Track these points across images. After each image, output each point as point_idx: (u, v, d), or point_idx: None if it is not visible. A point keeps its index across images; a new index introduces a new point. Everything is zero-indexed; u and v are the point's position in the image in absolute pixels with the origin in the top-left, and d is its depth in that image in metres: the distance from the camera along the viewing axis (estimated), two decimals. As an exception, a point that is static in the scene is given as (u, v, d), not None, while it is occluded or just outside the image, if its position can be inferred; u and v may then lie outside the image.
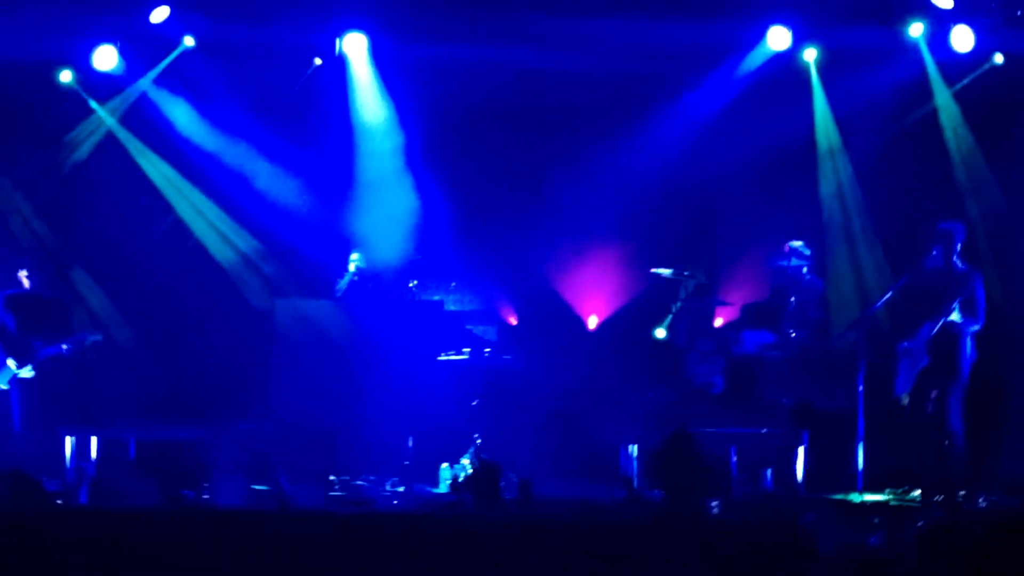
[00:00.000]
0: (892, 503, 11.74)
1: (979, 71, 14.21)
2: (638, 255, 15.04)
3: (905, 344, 11.94)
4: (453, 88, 14.99)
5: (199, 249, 15.49)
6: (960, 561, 6.15)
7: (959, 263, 11.90)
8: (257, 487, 12.01)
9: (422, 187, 15.34)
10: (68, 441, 12.56)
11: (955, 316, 11.62)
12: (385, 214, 15.23)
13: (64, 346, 13.19)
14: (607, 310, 15.44)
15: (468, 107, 15.08)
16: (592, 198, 15.18)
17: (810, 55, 14.62)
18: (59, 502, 10.89)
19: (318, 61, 15.02)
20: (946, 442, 11.63)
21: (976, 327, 11.80)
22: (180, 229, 15.43)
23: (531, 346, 14.62)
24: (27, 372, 13.07)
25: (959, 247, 11.92)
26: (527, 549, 6.64)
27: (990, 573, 6.00)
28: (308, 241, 15.20)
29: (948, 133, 14.43)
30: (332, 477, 12.91)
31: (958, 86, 14.35)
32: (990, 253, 13.72)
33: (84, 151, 15.21)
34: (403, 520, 8.11)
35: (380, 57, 15.15)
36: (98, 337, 13.61)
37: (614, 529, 7.04)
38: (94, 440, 12.56)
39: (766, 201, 14.78)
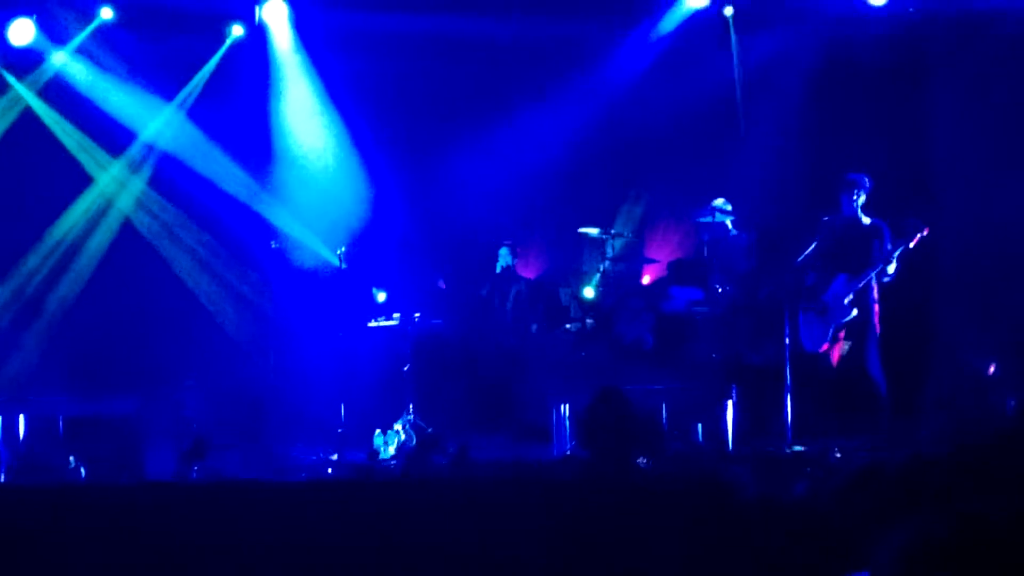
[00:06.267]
0: (818, 454, 11.83)
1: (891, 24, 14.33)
2: (566, 216, 15.11)
3: (823, 297, 11.98)
4: (376, 57, 14.90)
5: (122, 220, 15.31)
6: (878, 507, 6.22)
7: (865, 215, 11.96)
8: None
9: (350, 161, 15.36)
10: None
11: (892, 268, 11.72)
12: (311, 192, 15.22)
13: None
14: (536, 271, 15.47)
15: (390, 77, 15.03)
16: (519, 163, 15.18)
17: (730, 11, 14.68)
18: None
19: (239, 31, 14.88)
20: (870, 391, 11.75)
21: (886, 279, 11.85)
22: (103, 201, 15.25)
23: (461, 310, 14.63)
24: None
25: (864, 198, 11.97)
26: (463, 512, 6.65)
27: (906, 514, 6.07)
28: (229, 214, 15.09)
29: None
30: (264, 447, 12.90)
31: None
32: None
33: (1, 128, 14.89)
34: (338, 488, 8.11)
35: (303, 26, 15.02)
36: None
37: (545, 489, 7.05)
38: (22, 417, 12.51)
39: (692, 158, 14.84)
